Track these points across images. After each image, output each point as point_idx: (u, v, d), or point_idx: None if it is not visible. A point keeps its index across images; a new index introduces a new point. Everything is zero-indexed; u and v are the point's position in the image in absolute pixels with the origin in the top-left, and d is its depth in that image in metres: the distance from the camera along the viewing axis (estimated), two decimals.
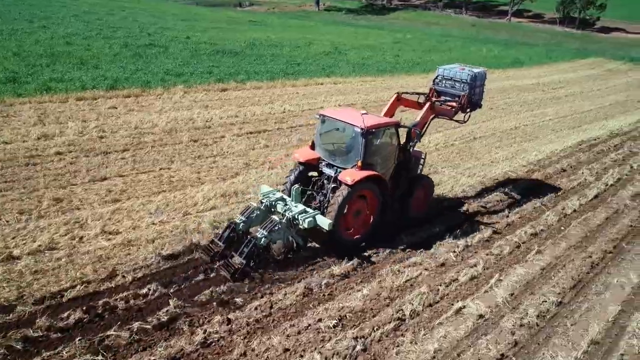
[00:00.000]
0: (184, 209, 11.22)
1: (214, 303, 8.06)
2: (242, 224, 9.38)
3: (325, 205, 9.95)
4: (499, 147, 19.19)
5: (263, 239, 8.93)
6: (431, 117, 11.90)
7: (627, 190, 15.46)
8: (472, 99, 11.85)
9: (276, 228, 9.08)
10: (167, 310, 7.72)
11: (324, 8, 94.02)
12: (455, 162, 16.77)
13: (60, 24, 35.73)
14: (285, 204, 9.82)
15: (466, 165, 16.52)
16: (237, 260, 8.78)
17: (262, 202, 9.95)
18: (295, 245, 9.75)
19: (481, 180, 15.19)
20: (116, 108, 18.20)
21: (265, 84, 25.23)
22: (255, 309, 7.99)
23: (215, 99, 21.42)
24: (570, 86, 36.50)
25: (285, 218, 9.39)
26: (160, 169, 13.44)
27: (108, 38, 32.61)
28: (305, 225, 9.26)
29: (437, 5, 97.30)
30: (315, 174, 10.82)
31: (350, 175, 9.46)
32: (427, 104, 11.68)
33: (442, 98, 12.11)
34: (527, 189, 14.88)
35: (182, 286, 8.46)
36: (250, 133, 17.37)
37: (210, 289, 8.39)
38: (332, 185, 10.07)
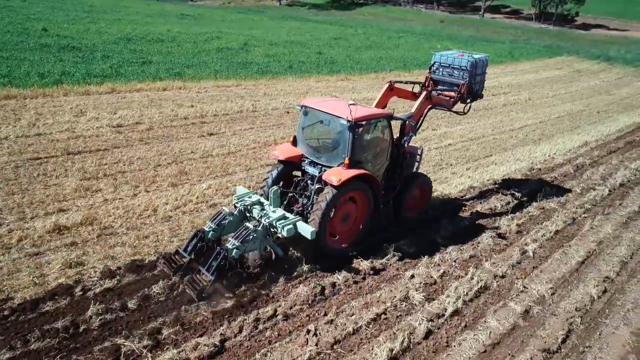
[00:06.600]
0: None
1: None
2: (211, 232, 7.97)
3: (309, 209, 8.58)
4: None
5: (235, 251, 7.48)
6: (428, 108, 10.93)
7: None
8: (472, 88, 10.82)
9: (250, 237, 7.68)
10: None
11: (285, 3, 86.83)
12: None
13: None
14: (262, 209, 8.41)
15: None
16: (205, 276, 7.21)
17: (235, 207, 8.55)
18: (273, 255, 8.18)
19: None
20: None
21: (48, 90, 17.25)
22: None
23: None
24: (519, 91, 28.64)
25: (261, 225, 7.98)
26: None
27: None
28: (285, 234, 7.90)
29: (407, 1, 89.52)
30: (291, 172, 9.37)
31: (336, 174, 8.16)
32: (423, 94, 10.58)
33: (440, 87, 11.08)
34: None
35: None
36: None
37: None
38: (317, 186, 8.76)
